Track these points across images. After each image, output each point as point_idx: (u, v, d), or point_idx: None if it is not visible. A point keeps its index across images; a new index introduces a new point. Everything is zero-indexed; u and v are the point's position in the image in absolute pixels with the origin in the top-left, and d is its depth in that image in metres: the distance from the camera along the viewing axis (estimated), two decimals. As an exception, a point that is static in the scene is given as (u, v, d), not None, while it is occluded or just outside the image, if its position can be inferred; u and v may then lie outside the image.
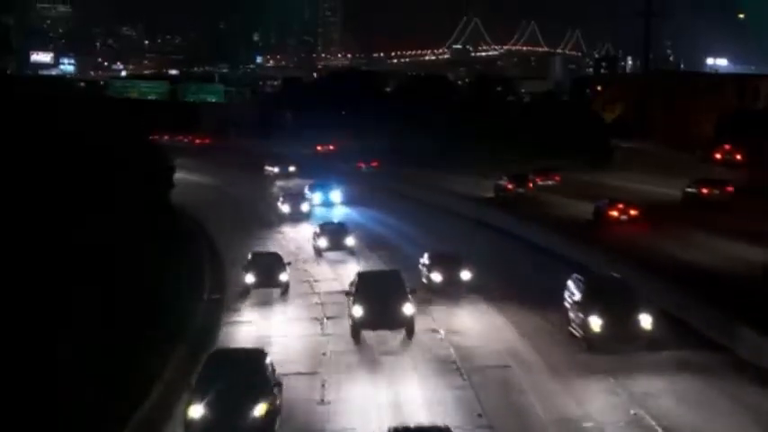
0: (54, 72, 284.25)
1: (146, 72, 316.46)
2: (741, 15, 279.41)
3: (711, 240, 57.94)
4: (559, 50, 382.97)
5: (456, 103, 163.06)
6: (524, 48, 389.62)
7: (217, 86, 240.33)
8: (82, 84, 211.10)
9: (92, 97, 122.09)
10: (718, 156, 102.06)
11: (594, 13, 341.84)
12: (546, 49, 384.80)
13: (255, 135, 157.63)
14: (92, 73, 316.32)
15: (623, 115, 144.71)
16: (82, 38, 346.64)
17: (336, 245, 58.82)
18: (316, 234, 60.39)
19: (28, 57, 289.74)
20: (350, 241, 59.05)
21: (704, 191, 77.23)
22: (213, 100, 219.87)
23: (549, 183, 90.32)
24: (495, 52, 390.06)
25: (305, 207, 75.94)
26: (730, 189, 77.41)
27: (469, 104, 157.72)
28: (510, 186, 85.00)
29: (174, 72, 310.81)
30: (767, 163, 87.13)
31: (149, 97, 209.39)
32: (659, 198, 78.55)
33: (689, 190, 78.47)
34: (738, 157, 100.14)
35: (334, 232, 59.85)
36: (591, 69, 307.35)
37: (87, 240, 36.90)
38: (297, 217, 74.23)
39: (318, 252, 59.25)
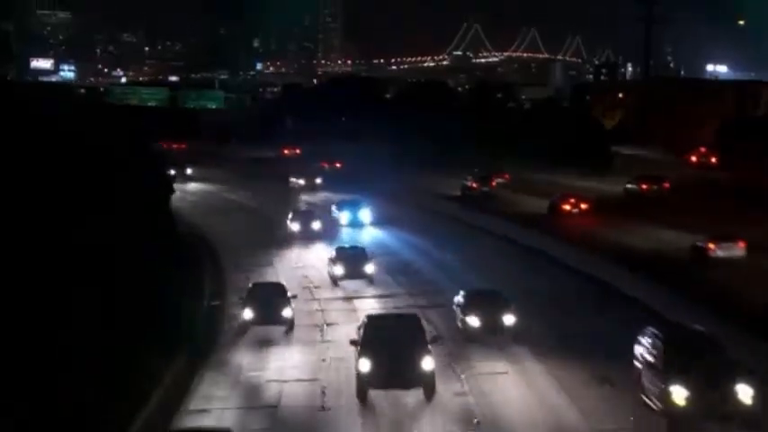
0: (54, 78, 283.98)
1: (145, 78, 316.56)
2: (741, 22, 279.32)
3: (654, 229, 66.18)
4: (560, 57, 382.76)
5: (456, 109, 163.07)
6: (525, 54, 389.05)
7: (217, 93, 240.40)
8: (82, 90, 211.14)
9: (92, 103, 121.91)
10: (693, 159, 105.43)
11: (595, 19, 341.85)
12: (546, 55, 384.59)
13: (256, 141, 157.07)
14: (92, 79, 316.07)
15: (623, 122, 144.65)
16: (82, 44, 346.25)
17: (354, 272, 52.05)
18: (331, 260, 53.62)
19: (28, 63, 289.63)
20: (369, 268, 52.39)
21: (644, 186, 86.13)
22: (213, 106, 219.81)
23: (501, 180, 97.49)
24: (496, 59, 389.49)
25: (316, 225, 68.49)
26: (667, 185, 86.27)
27: (470, 111, 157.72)
28: (475, 185, 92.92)
29: (174, 78, 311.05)
30: (766, 169, 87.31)
31: (149, 104, 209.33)
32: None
33: (629, 186, 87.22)
34: (713, 160, 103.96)
35: (351, 258, 52.93)
36: (591, 76, 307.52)
37: (87, 240, 36.81)
38: (308, 236, 67.27)
39: (334, 280, 52.56)
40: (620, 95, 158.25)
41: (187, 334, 39.71)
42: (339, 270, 52.09)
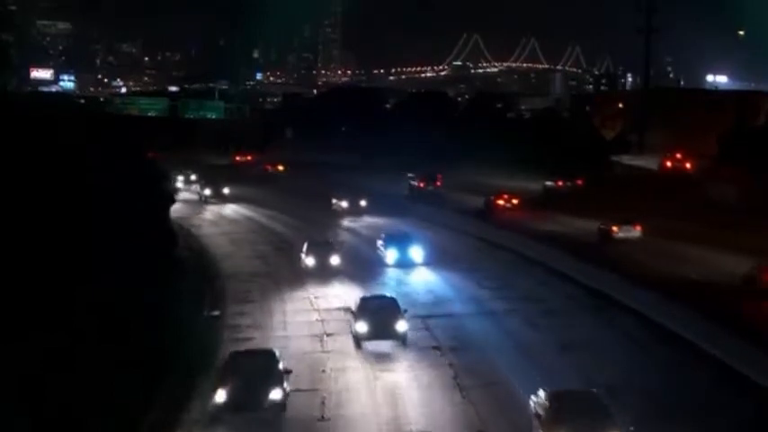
0: (54, 89, 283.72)
1: (143, 89, 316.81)
2: (741, 32, 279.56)
3: (570, 218, 79.01)
4: (559, 67, 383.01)
5: (456, 119, 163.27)
6: (524, 64, 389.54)
7: (217, 103, 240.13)
8: (82, 100, 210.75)
9: (92, 113, 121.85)
10: (668, 164, 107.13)
11: (594, 29, 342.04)
12: (546, 65, 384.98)
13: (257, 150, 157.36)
14: (91, 89, 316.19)
15: (624, 132, 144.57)
16: (82, 54, 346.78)
17: (382, 330, 40.78)
18: (353, 313, 42.43)
19: (28, 73, 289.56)
20: (401, 326, 40.80)
21: (559, 183, 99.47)
22: (213, 116, 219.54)
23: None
24: (496, 69, 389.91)
25: (334, 259, 58.40)
26: (580, 182, 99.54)
27: (469, 121, 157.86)
28: (422, 185, 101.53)
29: (173, 89, 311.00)
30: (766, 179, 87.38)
31: (149, 114, 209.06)
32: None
33: (548, 183, 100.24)
34: (687, 165, 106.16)
35: (378, 312, 41.48)
36: (591, 86, 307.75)
37: (86, 244, 36.87)
38: (324, 272, 57.24)
39: (357, 341, 41.24)
40: (620, 105, 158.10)
41: (186, 340, 39.71)
42: (362, 327, 40.84)
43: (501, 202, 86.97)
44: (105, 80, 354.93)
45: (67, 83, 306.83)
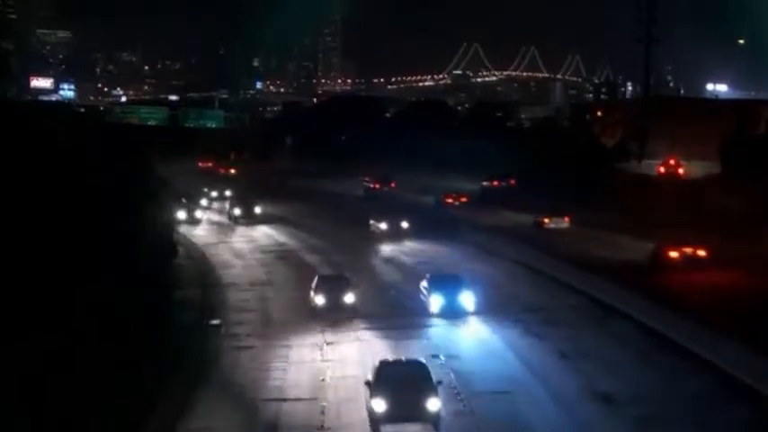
0: (54, 97, 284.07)
1: (143, 97, 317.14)
2: (741, 41, 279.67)
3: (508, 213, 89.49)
4: (559, 76, 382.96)
5: (456, 128, 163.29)
6: (524, 73, 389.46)
7: (217, 112, 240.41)
8: (82, 109, 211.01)
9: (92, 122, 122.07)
10: (661, 170, 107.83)
11: (594, 38, 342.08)
12: (546, 74, 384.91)
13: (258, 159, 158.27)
14: (92, 98, 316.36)
15: (623, 140, 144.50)
16: (82, 63, 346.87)
17: (406, 410, 30.93)
18: (370, 385, 32.04)
19: (28, 82, 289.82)
20: (433, 404, 30.84)
21: (495, 183, 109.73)
22: (213, 125, 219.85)
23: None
24: (495, 78, 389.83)
25: (349, 298, 49.38)
26: (513, 182, 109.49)
27: (469, 130, 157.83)
28: (377, 186, 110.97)
29: (173, 98, 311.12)
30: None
31: (149, 123, 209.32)
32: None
33: (485, 183, 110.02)
34: (680, 171, 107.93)
35: (402, 383, 31.46)
36: (591, 95, 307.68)
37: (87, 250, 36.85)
38: (336, 313, 48.63)
39: (374, 423, 31.25)
40: (621, 114, 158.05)
41: (185, 347, 39.63)
42: (380, 405, 30.90)
43: (450, 200, 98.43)
44: (105, 89, 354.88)
45: (67, 92, 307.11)
